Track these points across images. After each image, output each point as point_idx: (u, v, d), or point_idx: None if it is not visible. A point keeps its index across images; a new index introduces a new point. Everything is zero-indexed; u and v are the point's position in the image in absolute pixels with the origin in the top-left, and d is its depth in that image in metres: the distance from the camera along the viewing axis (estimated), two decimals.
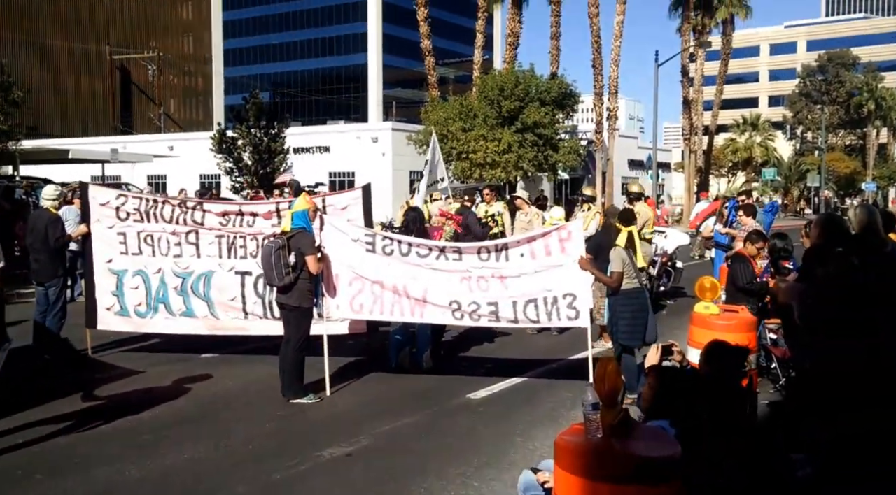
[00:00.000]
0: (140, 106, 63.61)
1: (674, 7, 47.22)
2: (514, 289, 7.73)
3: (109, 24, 63.93)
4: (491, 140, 30.31)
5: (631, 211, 8.19)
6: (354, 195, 8.76)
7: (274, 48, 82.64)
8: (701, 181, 54.80)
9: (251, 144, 26.75)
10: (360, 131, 41.29)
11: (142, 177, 44.61)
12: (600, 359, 3.84)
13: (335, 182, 39.40)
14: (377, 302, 7.86)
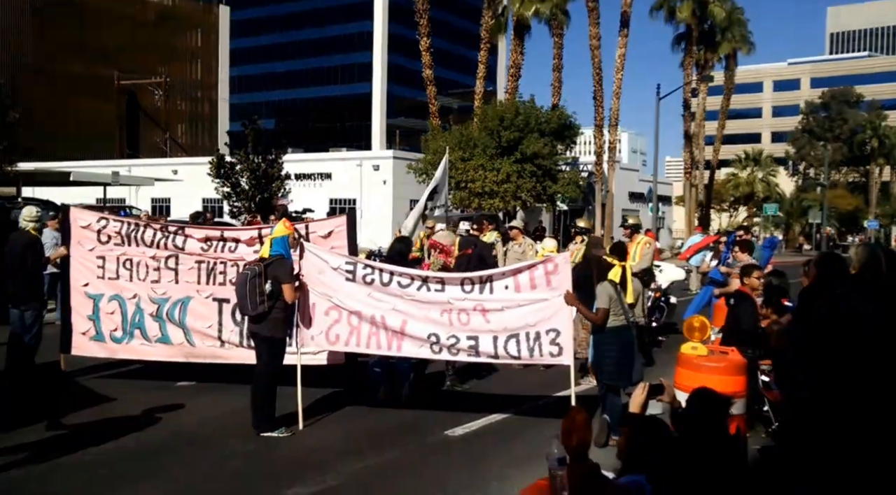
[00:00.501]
0: (147, 130, 63.78)
1: (676, 42, 47.38)
2: (495, 323, 7.45)
3: (118, 49, 64.30)
4: (490, 170, 30.21)
5: (623, 244, 7.92)
6: (338, 222, 8.52)
7: (279, 76, 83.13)
8: (702, 215, 54.60)
9: (249, 169, 26.65)
10: (362, 159, 41.27)
11: (146, 200, 44.67)
12: (570, 409, 3.56)
13: (336, 209, 39.27)
14: (354, 333, 7.59)
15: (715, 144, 54.55)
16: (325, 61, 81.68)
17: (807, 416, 4.52)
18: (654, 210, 39.41)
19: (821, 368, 4.38)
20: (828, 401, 4.33)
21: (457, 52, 72.07)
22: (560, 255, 7.55)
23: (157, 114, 61.31)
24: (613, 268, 7.39)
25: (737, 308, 7.57)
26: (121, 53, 64.40)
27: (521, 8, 35.79)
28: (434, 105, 37.25)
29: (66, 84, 61.62)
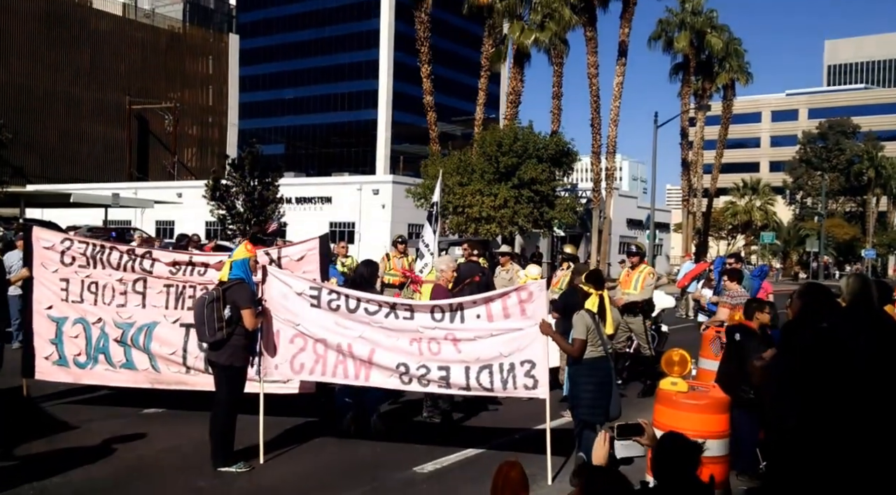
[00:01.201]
0: (156, 154, 63.77)
1: (674, 71, 47.18)
2: (467, 352, 6.96)
3: (130, 75, 64.46)
4: (487, 195, 29.83)
5: (599, 272, 7.43)
6: (311, 245, 8.06)
7: (288, 102, 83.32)
8: (700, 242, 54.10)
9: (244, 192, 26.28)
10: (362, 183, 40.95)
11: (150, 222, 44.39)
12: (502, 464, 3.07)
13: (336, 232, 38.89)
14: (319, 362, 7.10)
15: (713, 173, 54.20)
16: (332, 88, 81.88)
17: (794, 447, 4.13)
18: (651, 237, 38.89)
19: (807, 396, 4.05)
20: (816, 430, 3.99)
21: (459, 80, 72.12)
22: (534, 283, 7.06)
23: (166, 138, 61.27)
24: (590, 296, 6.92)
25: (743, 345, 6.90)
26: (133, 79, 64.56)
27: (521, 37, 35.58)
28: (434, 131, 37.02)
29: (78, 108, 61.72)
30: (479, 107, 37.96)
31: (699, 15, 44.31)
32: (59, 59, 60.47)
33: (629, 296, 11.06)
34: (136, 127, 64.43)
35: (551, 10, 35.37)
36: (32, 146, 58.43)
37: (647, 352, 11.35)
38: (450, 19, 63.34)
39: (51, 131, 59.85)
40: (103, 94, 62.55)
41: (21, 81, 58.54)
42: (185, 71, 69.37)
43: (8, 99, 57.63)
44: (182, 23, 73.34)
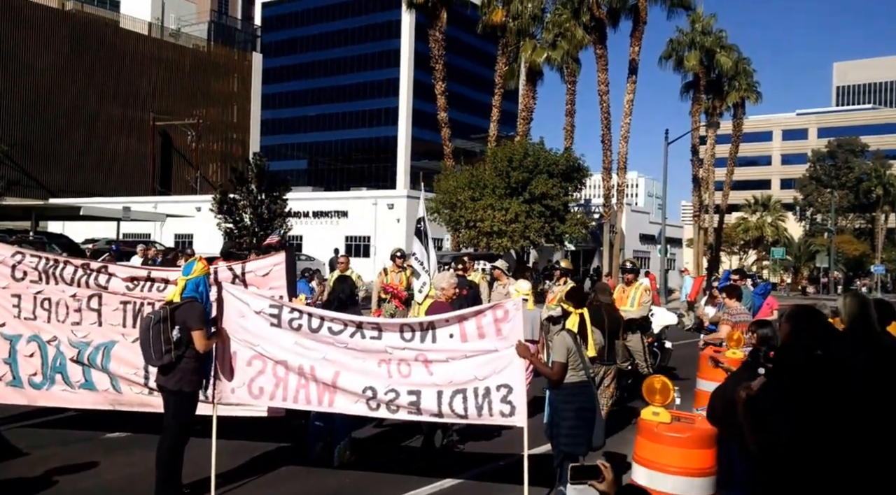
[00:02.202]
0: (179, 169, 63.70)
1: (685, 89, 46.20)
2: (439, 375, 6.15)
3: (154, 92, 64.56)
4: (499, 209, 29.05)
5: (581, 289, 6.60)
6: (276, 260, 7.29)
7: (310, 119, 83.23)
8: (711, 258, 52.95)
9: (251, 206, 25.67)
10: (377, 198, 40.31)
11: (169, 235, 44.04)
12: None
13: (351, 247, 38.28)
14: (280, 385, 6.32)
15: (724, 189, 53.07)
16: (353, 106, 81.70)
17: (788, 462, 3.67)
18: (662, 252, 37.89)
19: (802, 410, 3.63)
20: (811, 443, 3.58)
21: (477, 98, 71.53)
22: (510, 301, 6.25)
23: (189, 154, 61.16)
24: (570, 316, 6.10)
25: (736, 373, 6.09)
26: (157, 96, 64.64)
27: (533, 55, 34.91)
28: (448, 146, 36.39)
29: (103, 125, 61.79)
30: (494, 123, 37.27)
31: (709, 35, 43.35)
32: (86, 76, 60.63)
33: (625, 312, 10.23)
34: (160, 143, 64.41)
35: (563, 30, 34.69)
36: (58, 161, 58.50)
37: (645, 371, 10.52)
38: (466, 38, 62.89)
39: (76, 147, 59.91)
40: (128, 111, 62.62)
41: (48, 98, 58.73)
42: (209, 88, 69.41)
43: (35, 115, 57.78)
44: (207, 42, 73.48)
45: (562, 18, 34.38)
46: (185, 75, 67.08)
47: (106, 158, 62.55)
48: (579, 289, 6.62)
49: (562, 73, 36.91)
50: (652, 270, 46.58)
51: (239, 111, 72.32)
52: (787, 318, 4.10)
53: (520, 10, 35.16)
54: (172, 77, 66.06)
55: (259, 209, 25.48)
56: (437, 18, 36.15)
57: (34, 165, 58.08)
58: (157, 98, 64.26)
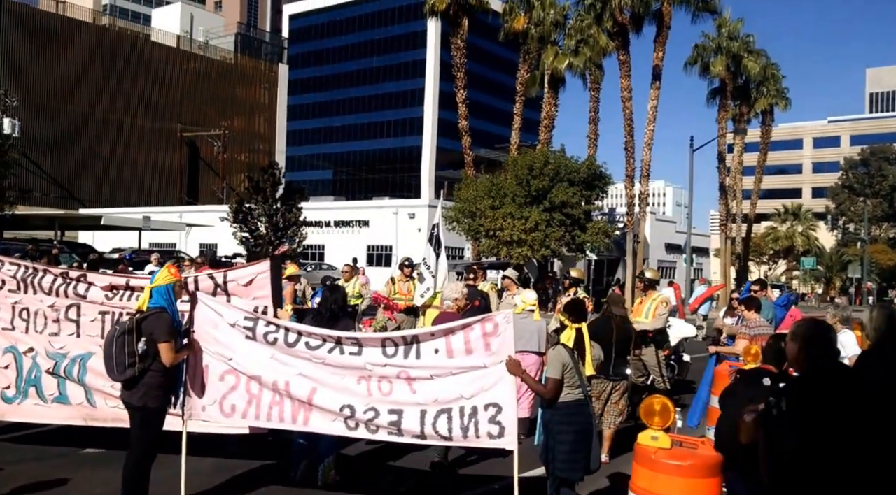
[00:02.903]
0: (206, 179, 64.07)
1: (711, 96, 45.31)
2: (423, 394, 5.70)
3: (182, 103, 65.15)
4: (518, 218, 28.55)
5: (580, 302, 6.11)
6: (260, 268, 6.89)
7: (336, 130, 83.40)
8: (740, 268, 51.86)
9: (266, 214, 25.45)
10: (398, 207, 40.00)
11: (194, 244, 44.15)
12: None
13: (373, 256, 38.00)
14: (253, 403, 5.90)
15: (752, 198, 51.94)
16: (379, 116, 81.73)
17: (795, 468, 3.37)
18: (688, 261, 36.99)
19: (809, 417, 3.32)
20: (818, 449, 3.28)
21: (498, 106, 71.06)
22: (500, 313, 5.77)
23: (216, 164, 61.53)
24: (565, 330, 5.62)
25: (745, 395, 5.54)
26: (184, 107, 65.22)
27: (555, 62, 34.45)
28: (469, 155, 36.06)
29: (132, 136, 62.49)
30: (515, 132, 36.88)
31: (735, 40, 42.47)
32: (116, 87, 61.40)
33: (639, 324, 9.72)
34: (187, 153, 64.89)
35: (585, 36, 34.18)
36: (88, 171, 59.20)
37: (661, 385, 9.98)
38: (488, 46, 62.57)
39: (106, 157, 60.63)
40: (156, 122, 63.27)
41: (79, 109, 59.50)
42: (236, 99, 69.92)
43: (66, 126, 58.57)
44: (233, 54, 74.05)
45: (584, 24, 33.87)
46: (213, 87, 67.69)
47: (135, 168, 63.22)
48: (579, 301, 6.12)
49: (584, 80, 36.39)
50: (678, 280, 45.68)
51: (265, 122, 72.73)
52: (794, 336, 3.62)
53: (542, 16, 34.75)
54: (200, 88, 66.69)
55: (274, 218, 25.28)
56: (458, 26, 35.90)
57: (65, 176, 58.85)
58: (185, 109, 64.87)
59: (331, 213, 42.02)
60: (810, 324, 3.67)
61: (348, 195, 71.46)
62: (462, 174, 35.05)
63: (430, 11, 36.16)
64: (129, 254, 19.95)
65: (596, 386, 7.77)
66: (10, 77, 55.52)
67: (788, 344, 3.58)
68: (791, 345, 3.55)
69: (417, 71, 78.62)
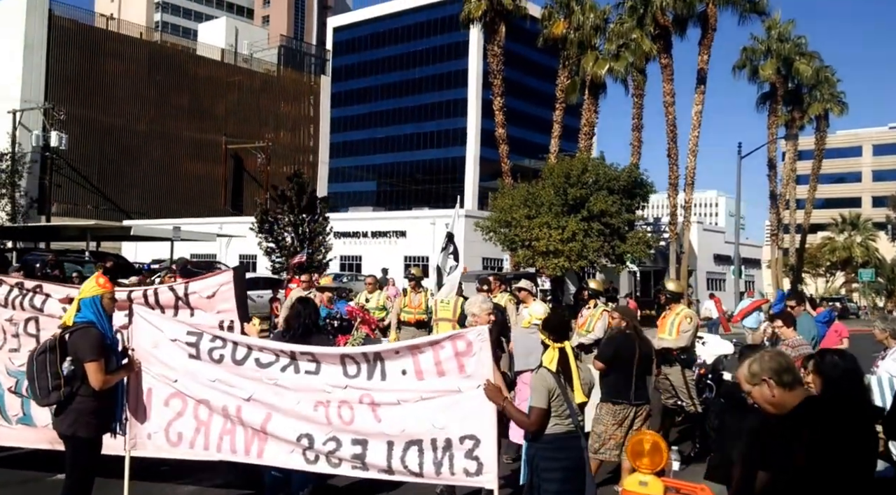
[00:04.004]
0: (250, 191, 64.48)
1: (761, 101, 43.67)
2: (389, 422, 4.97)
3: (226, 116, 65.88)
4: (555, 227, 27.60)
5: (561, 316, 5.26)
6: (223, 279, 6.27)
7: (379, 141, 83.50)
8: (793, 280, 49.85)
9: (291, 224, 25.02)
10: (435, 217, 39.32)
11: (234, 255, 44.18)
12: None
13: (409, 267, 37.32)
14: (201, 431, 5.24)
15: (806, 207, 49.91)
16: (422, 127, 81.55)
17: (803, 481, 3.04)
18: (736, 273, 35.51)
19: (818, 430, 3.00)
20: (826, 464, 2.98)
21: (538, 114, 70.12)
22: (473, 330, 4.99)
23: (260, 175, 61.95)
24: (547, 350, 4.82)
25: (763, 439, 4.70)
26: (229, 119, 65.93)
27: (595, 67, 33.50)
28: (506, 163, 35.31)
29: (177, 148, 63.36)
30: (555, 139, 36.02)
31: (786, 42, 40.87)
32: (162, 101, 62.41)
33: (662, 341, 8.81)
34: (232, 165, 65.46)
35: (627, 40, 33.17)
36: (135, 184, 60.11)
37: (691, 409, 9.06)
38: (527, 53, 61.80)
39: (152, 170, 61.54)
40: (201, 134, 64.06)
41: (125, 123, 60.55)
42: (279, 111, 70.46)
43: (113, 139, 59.60)
44: (277, 66, 74.69)
45: (624, 28, 32.86)
46: (256, 99, 68.40)
47: (181, 181, 64.06)
48: (560, 315, 5.27)
49: (626, 86, 35.35)
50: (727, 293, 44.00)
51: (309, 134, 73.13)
52: (815, 368, 3.15)
53: (581, 20, 33.87)
54: (244, 101, 67.42)
55: (300, 228, 24.87)
56: (495, 33, 35.26)
57: (112, 188, 59.84)
58: (230, 122, 65.60)
59: (368, 224, 41.63)
60: (838, 356, 3.07)
61: (392, 206, 71.22)
62: (498, 183, 34.30)
63: (467, 19, 35.60)
64: (147, 265, 19.73)
65: (618, 413, 6.91)
66: (58, 91, 56.76)
67: (813, 376, 2.95)
68: (815, 378, 2.92)
69: (460, 81, 78.25)
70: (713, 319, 23.22)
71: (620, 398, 6.93)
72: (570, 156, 31.76)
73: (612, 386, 7.00)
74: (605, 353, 7.14)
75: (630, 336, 7.33)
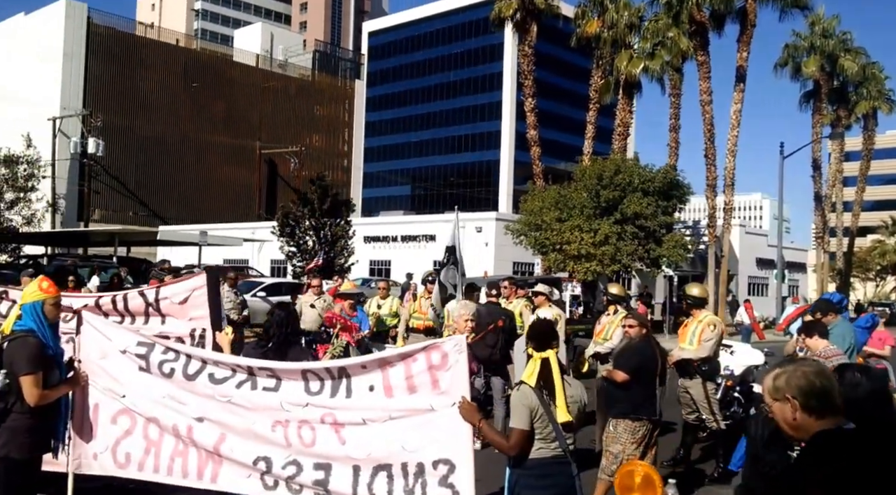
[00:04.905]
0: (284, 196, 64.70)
1: (804, 99, 42.20)
2: (354, 445, 4.45)
3: (261, 122, 66.33)
4: (587, 231, 26.81)
5: (546, 322, 4.65)
6: (195, 284, 5.81)
7: (412, 145, 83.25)
8: (840, 284, 48.17)
9: (313, 228, 24.67)
10: (465, 221, 38.75)
11: (266, 261, 44.27)
12: None
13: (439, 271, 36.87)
14: (151, 452, 4.78)
15: (854, 209, 48.17)
16: (456, 130, 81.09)
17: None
18: (779, 278, 34.29)
19: (833, 473, 2.49)
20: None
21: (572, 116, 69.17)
22: (450, 340, 4.44)
23: (293, 181, 62.18)
24: (529, 362, 4.25)
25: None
26: (263, 125, 66.37)
27: (629, 66, 32.62)
28: (538, 165, 34.66)
29: (212, 154, 63.97)
30: (589, 141, 35.22)
31: (831, 37, 39.41)
32: (197, 107, 63.14)
33: (682, 352, 8.16)
34: (266, 170, 65.85)
35: (663, 38, 32.24)
36: (172, 190, 60.83)
37: (713, 425, 8.38)
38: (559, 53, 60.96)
39: (187, 175, 62.24)
40: (236, 140, 64.61)
41: (161, 130, 61.34)
42: (314, 116, 70.76)
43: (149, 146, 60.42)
44: (311, 71, 74.99)
45: (659, 25, 31.93)
46: (291, 104, 68.78)
47: (216, 186, 64.67)
48: (545, 322, 4.68)
49: (661, 85, 34.38)
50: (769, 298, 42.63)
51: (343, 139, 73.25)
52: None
53: (615, 19, 33.04)
54: (279, 106, 67.86)
55: (322, 231, 24.51)
56: (526, 33, 34.64)
57: (149, 194, 60.66)
58: (264, 127, 66.06)
59: (397, 228, 41.27)
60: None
61: (427, 210, 70.82)
62: (529, 185, 33.65)
63: (497, 19, 35.05)
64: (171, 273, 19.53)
65: (637, 430, 6.30)
66: (96, 98, 57.68)
67: None
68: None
69: (494, 84, 77.60)
70: (745, 325, 22.28)
71: (641, 414, 6.34)
72: (603, 158, 30.98)
73: (632, 400, 6.39)
74: (631, 363, 6.52)
75: (652, 345, 6.75)
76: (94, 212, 51.34)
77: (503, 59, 76.42)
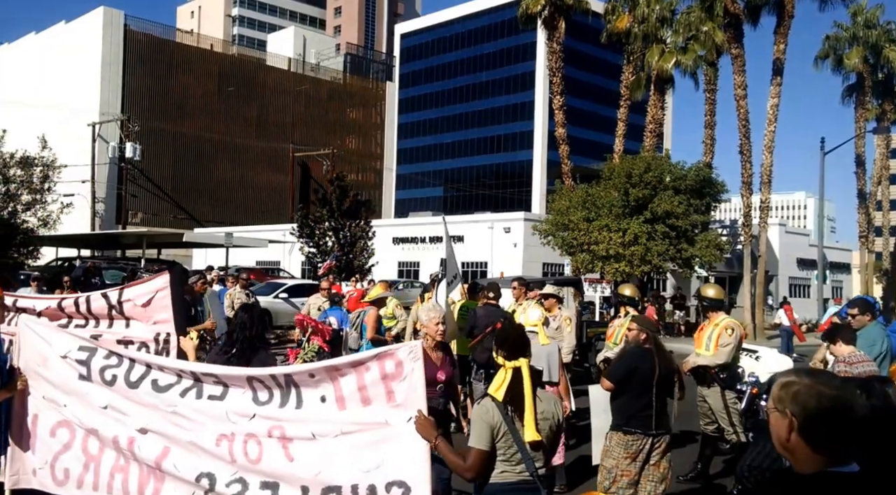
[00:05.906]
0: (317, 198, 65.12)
1: (847, 93, 40.79)
2: (302, 463, 4.03)
3: (294, 124, 66.65)
4: (616, 230, 26.13)
5: (516, 328, 4.17)
6: (158, 284, 5.44)
7: (445, 146, 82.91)
8: (887, 286, 46.50)
9: (332, 229, 24.40)
10: (493, 221, 38.27)
11: (297, 262, 44.32)
12: None
13: (468, 273, 36.40)
14: (91, 468, 4.42)
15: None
16: (489, 131, 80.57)
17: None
18: (820, 278, 33.10)
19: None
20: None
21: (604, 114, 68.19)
22: (405, 346, 3.99)
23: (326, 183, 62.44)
24: (497, 373, 3.80)
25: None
26: (296, 128, 66.70)
27: (661, 61, 31.81)
28: (567, 164, 34.02)
29: (247, 157, 64.49)
30: (619, 138, 34.47)
31: (874, 28, 38.01)
32: (232, 111, 63.72)
33: (698, 358, 7.61)
34: (299, 173, 66.15)
35: (696, 31, 31.35)
36: (207, 193, 61.43)
37: (732, 437, 7.82)
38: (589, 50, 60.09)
39: (222, 179, 62.86)
40: (269, 143, 65.05)
41: (196, 133, 62.00)
42: (346, 119, 70.89)
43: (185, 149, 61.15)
44: (343, 74, 75.13)
45: (692, 18, 31.06)
46: (323, 107, 69.04)
47: (250, 190, 65.21)
48: (515, 328, 4.21)
49: (694, 79, 33.48)
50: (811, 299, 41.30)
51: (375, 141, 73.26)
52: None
53: (646, 13, 32.24)
54: (311, 109, 68.15)
55: (341, 232, 24.25)
56: (555, 29, 34.00)
57: (185, 198, 61.34)
58: (297, 130, 66.41)
59: (425, 229, 40.94)
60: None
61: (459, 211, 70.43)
62: (556, 184, 33.06)
63: (525, 16, 34.51)
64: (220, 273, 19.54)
65: (630, 444, 5.78)
66: (133, 104, 58.49)
67: None
68: None
69: (527, 83, 76.91)
70: (785, 327, 21.45)
71: (632, 426, 5.80)
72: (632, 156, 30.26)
73: (622, 411, 5.88)
74: (616, 371, 6.01)
75: (647, 351, 6.16)
76: (136, 216, 52.01)
77: (535, 59, 75.71)
